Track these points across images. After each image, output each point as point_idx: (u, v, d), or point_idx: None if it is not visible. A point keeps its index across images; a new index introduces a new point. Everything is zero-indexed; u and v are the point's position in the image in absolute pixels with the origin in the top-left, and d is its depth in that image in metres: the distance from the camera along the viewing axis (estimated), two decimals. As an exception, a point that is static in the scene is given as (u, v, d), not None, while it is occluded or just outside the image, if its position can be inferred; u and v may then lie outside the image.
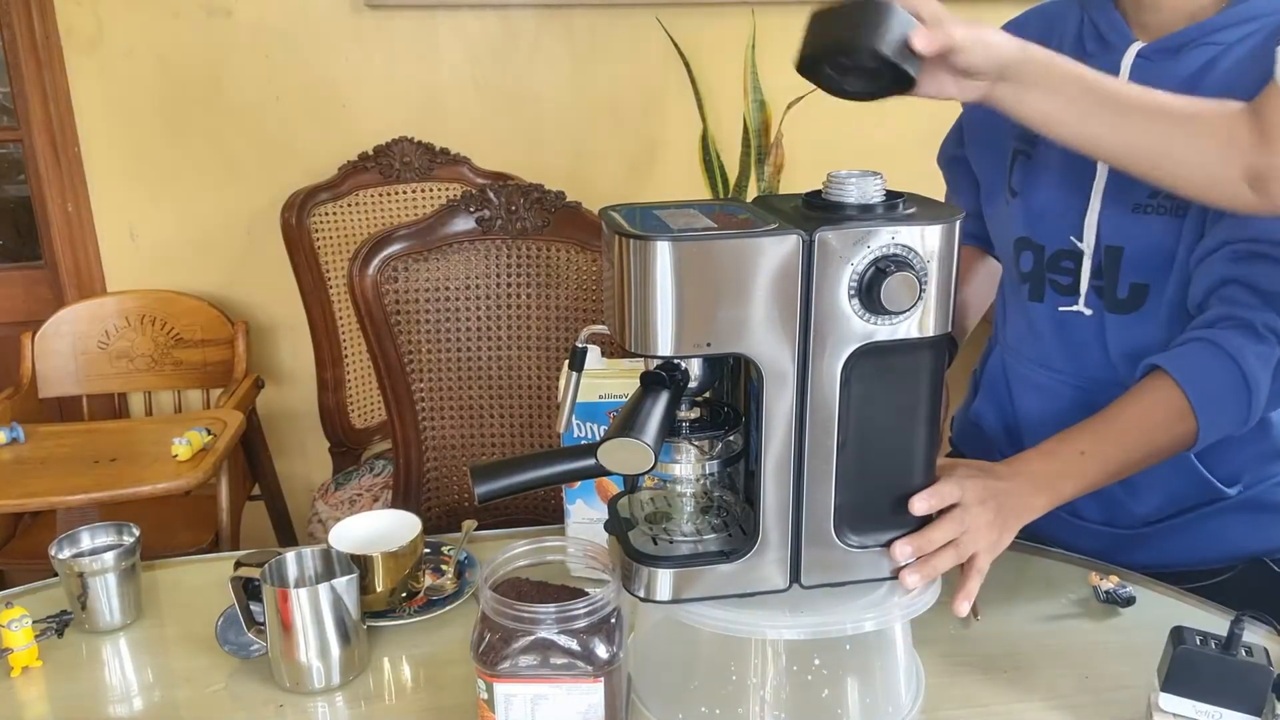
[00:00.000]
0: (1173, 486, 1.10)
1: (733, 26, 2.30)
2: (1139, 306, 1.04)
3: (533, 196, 1.49)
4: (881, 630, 0.86)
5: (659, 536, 0.86)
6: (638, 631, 0.94)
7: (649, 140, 2.45)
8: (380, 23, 2.28)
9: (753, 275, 0.75)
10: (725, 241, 0.74)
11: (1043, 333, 1.13)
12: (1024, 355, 1.16)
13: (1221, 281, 0.97)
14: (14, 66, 2.18)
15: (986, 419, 1.24)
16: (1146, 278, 1.03)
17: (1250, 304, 0.95)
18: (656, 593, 0.82)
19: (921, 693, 0.91)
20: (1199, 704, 0.82)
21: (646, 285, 0.74)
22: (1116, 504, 1.13)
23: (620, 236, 0.74)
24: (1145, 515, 1.12)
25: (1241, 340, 0.94)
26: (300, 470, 2.49)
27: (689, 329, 0.75)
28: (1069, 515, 1.16)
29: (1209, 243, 0.98)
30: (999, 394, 1.21)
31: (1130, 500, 1.12)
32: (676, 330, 0.75)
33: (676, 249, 0.73)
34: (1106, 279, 1.06)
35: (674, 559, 0.83)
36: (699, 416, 0.84)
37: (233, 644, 0.99)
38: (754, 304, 0.75)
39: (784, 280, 0.75)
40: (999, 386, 1.21)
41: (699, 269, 0.74)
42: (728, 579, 0.83)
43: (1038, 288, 1.12)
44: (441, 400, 1.53)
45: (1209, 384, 0.94)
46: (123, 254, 2.34)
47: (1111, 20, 1.05)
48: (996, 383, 1.22)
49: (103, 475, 1.71)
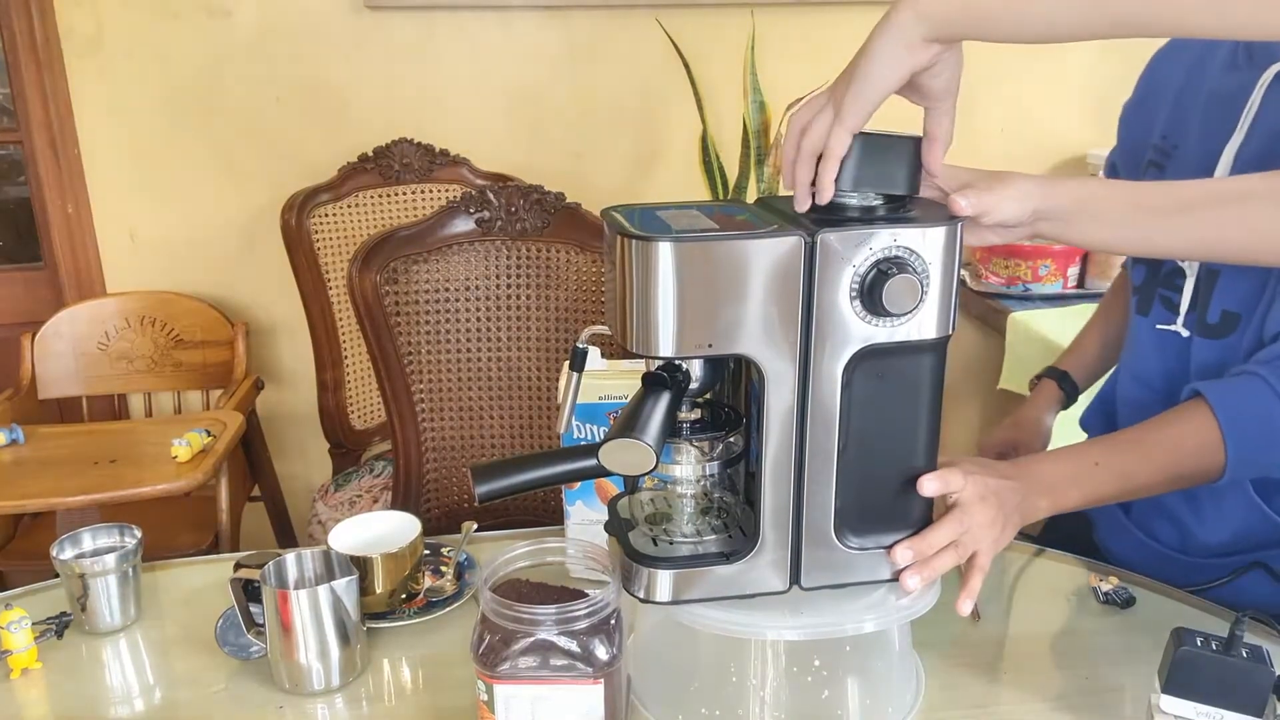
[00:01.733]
0: (1240, 521, 1.06)
1: (732, 27, 2.31)
2: (1228, 334, 1.02)
3: (532, 197, 1.49)
4: (881, 631, 0.86)
5: (659, 537, 0.86)
6: (637, 633, 0.94)
7: (649, 141, 2.45)
8: (380, 24, 2.28)
9: (754, 276, 0.75)
10: (727, 242, 0.74)
11: (1145, 349, 1.11)
12: (1129, 369, 1.16)
13: None
14: (14, 68, 2.18)
15: (1092, 430, 1.24)
16: (1238, 306, 1.01)
17: None
18: (656, 594, 0.82)
19: (922, 694, 0.91)
20: (1200, 705, 0.82)
21: (648, 286, 0.74)
22: (1188, 531, 1.10)
23: (622, 237, 0.74)
24: (1215, 546, 1.09)
25: None
26: (300, 471, 2.49)
27: (690, 330, 0.75)
28: (1143, 535, 1.14)
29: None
30: (1108, 405, 1.21)
31: (1199, 528, 1.09)
32: (678, 331, 0.75)
33: (679, 250, 0.73)
34: (1200, 302, 1.04)
35: (673, 560, 0.83)
36: (700, 417, 0.84)
37: (232, 645, 0.98)
38: (755, 305, 0.75)
39: (785, 281, 0.75)
40: (1109, 397, 1.21)
41: (701, 270, 0.74)
42: (728, 580, 0.82)
43: (1146, 302, 1.11)
44: (441, 401, 1.53)
45: (1247, 420, 0.92)
46: (123, 255, 2.34)
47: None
48: (1108, 394, 1.22)
49: (102, 476, 1.71)
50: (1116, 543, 1.18)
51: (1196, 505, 1.08)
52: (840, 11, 2.41)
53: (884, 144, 0.79)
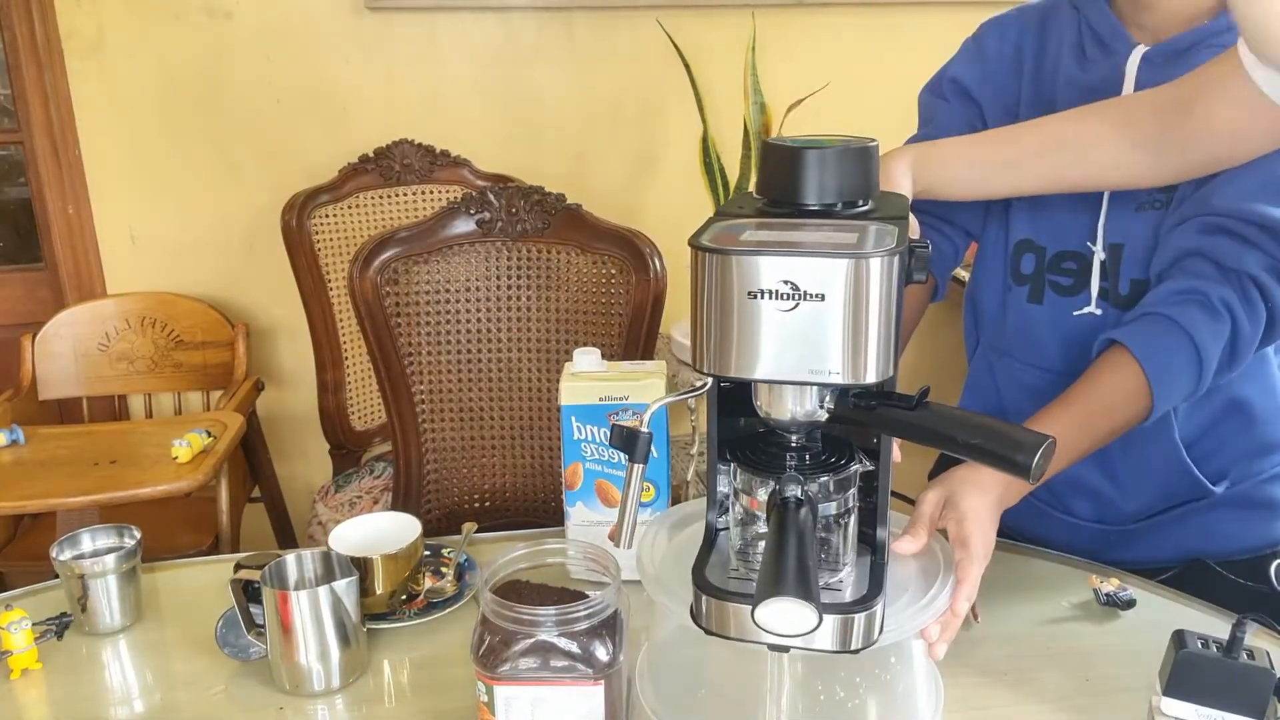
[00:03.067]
0: (1162, 484, 1.11)
1: (733, 28, 2.31)
2: (1138, 300, 1.05)
3: (533, 199, 1.49)
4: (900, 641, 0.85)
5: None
6: (652, 639, 0.93)
7: (649, 142, 2.45)
8: (381, 25, 2.28)
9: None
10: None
11: (1041, 335, 1.13)
12: (1016, 357, 1.16)
13: (1185, 253, 0.99)
14: (15, 69, 2.18)
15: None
16: (1145, 273, 1.05)
17: (1210, 277, 0.97)
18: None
19: (942, 704, 0.89)
20: (1201, 708, 0.82)
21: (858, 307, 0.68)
22: (1107, 502, 1.14)
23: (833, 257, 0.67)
24: (1135, 512, 1.14)
25: (1196, 315, 0.96)
26: (300, 472, 2.49)
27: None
28: (1060, 513, 1.18)
29: (1181, 212, 1.00)
30: (986, 395, 1.22)
31: (1121, 498, 1.13)
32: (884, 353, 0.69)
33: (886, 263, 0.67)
34: (1110, 278, 1.07)
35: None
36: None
37: (233, 646, 0.98)
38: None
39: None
40: (986, 388, 1.22)
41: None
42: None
43: (1037, 291, 1.12)
44: (441, 402, 1.53)
45: (1166, 361, 0.97)
46: (123, 256, 2.34)
47: (1109, 23, 1.05)
48: (983, 385, 1.22)
49: (103, 477, 1.71)
50: (1028, 525, 1.19)
51: (1115, 477, 1.12)
52: (841, 13, 2.41)
53: None
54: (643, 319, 1.47)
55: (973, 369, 1.25)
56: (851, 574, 0.80)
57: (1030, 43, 1.12)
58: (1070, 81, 1.07)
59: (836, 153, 0.74)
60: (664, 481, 1.10)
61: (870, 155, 0.76)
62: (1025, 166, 1.02)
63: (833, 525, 0.79)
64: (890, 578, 0.81)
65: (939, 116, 1.16)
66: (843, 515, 0.79)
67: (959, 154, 1.04)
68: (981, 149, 1.04)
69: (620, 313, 1.49)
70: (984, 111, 1.14)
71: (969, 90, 1.15)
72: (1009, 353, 1.17)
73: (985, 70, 1.14)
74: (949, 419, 0.72)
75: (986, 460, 0.70)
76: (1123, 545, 1.15)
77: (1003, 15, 1.16)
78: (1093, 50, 1.06)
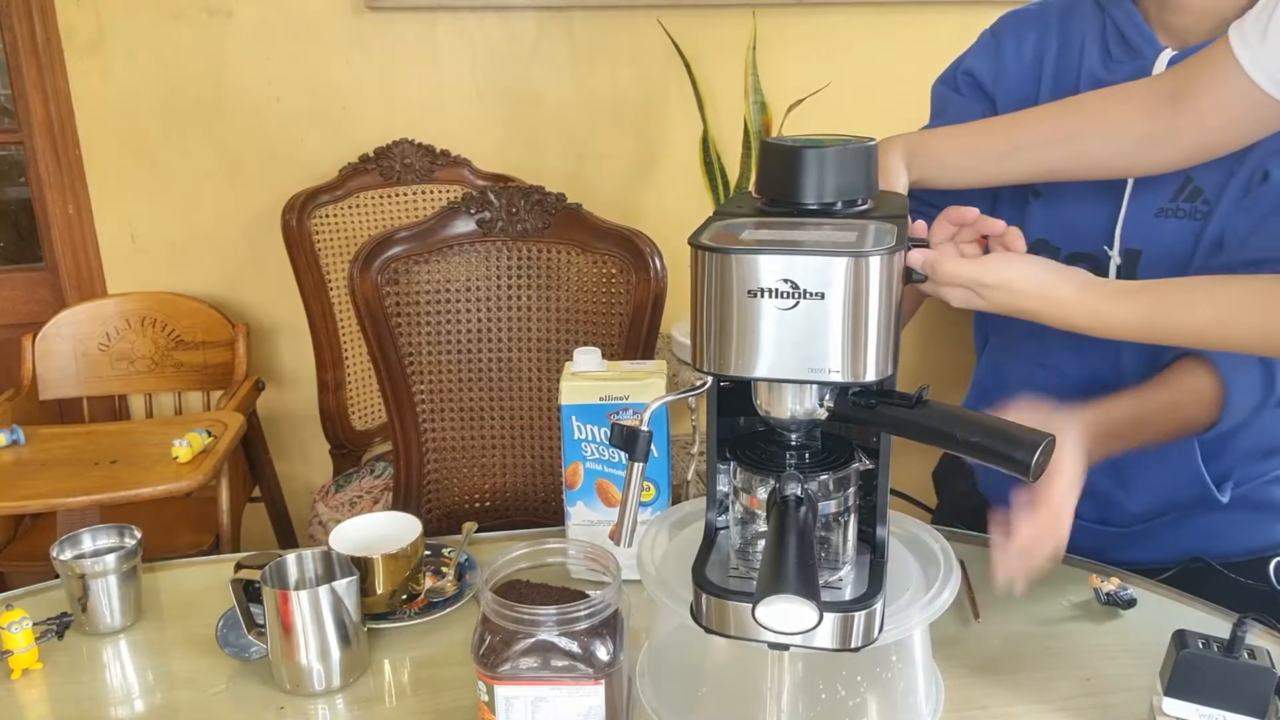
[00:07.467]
0: (1170, 487, 1.10)
1: (733, 28, 2.30)
2: None
3: (533, 198, 1.49)
4: (903, 639, 0.85)
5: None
6: (653, 638, 0.93)
7: (650, 142, 2.45)
8: (381, 25, 2.28)
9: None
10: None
11: (1049, 335, 1.12)
12: (1023, 356, 1.16)
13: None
14: (15, 68, 2.18)
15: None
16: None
17: None
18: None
19: (942, 704, 0.89)
20: (1202, 708, 0.82)
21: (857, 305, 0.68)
22: (1112, 503, 1.14)
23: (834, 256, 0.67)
24: (1139, 514, 1.13)
25: None
26: (301, 472, 2.49)
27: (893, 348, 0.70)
28: None
29: (1225, 257, 0.99)
30: (993, 396, 1.21)
31: (1126, 499, 1.13)
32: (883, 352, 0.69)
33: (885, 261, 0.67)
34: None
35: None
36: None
37: (233, 646, 0.98)
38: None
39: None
40: (993, 389, 1.21)
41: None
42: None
43: None
44: (442, 402, 1.53)
45: (1246, 376, 0.96)
46: (123, 256, 2.34)
47: (1135, 23, 1.04)
48: (990, 385, 1.21)
49: (103, 477, 1.71)
50: None
51: (1123, 479, 1.12)
52: (841, 12, 2.41)
53: None
54: (643, 318, 1.47)
55: (979, 368, 1.24)
56: (851, 572, 0.80)
57: (1051, 43, 1.11)
58: (1094, 82, 1.06)
59: (836, 152, 0.74)
60: (664, 481, 1.10)
61: (869, 155, 0.76)
62: (1017, 156, 1.02)
63: (832, 524, 0.79)
64: (890, 576, 0.81)
65: (951, 109, 1.16)
66: (842, 514, 0.79)
67: (952, 144, 1.04)
68: (974, 139, 1.04)
69: (620, 312, 1.49)
70: (997, 107, 1.13)
71: (983, 84, 1.14)
72: (1018, 354, 1.16)
73: (1001, 68, 1.13)
74: (949, 417, 0.72)
75: (986, 458, 0.70)
76: (1124, 546, 1.15)
77: (1023, 10, 1.15)
78: (1118, 51, 1.05)
